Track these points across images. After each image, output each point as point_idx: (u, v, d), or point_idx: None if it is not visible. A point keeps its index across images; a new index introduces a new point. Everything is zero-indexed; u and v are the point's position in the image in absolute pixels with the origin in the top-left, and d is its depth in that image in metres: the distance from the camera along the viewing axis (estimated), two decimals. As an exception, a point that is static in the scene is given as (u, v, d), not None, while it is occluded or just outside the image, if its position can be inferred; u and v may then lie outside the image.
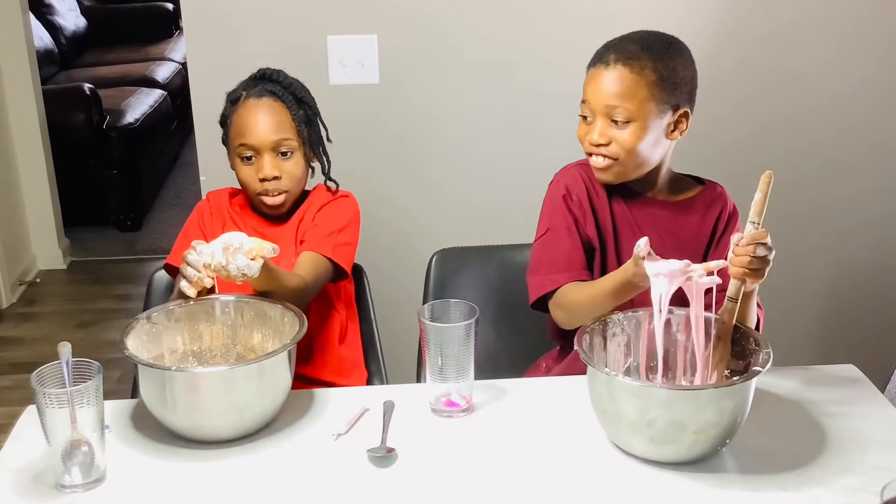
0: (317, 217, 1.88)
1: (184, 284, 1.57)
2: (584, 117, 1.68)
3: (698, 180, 1.79)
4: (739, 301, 1.49)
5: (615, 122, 1.63)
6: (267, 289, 1.63)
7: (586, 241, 1.72)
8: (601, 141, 1.64)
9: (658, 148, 1.67)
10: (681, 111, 1.66)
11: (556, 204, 1.74)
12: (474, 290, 1.97)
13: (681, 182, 1.77)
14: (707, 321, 1.51)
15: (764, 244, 1.45)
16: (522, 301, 1.73)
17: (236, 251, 1.52)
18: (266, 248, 1.55)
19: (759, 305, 1.65)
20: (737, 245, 1.46)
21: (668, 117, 1.65)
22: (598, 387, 1.44)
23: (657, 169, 1.71)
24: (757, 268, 1.46)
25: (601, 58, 1.65)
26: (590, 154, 1.68)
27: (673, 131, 1.67)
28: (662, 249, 1.52)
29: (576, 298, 1.64)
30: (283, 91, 1.86)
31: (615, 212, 1.73)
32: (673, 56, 1.65)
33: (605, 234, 1.73)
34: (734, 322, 1.49)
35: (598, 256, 1.73)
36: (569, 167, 1.79)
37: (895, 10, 2.47)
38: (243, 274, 1.52)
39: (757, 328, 1.63)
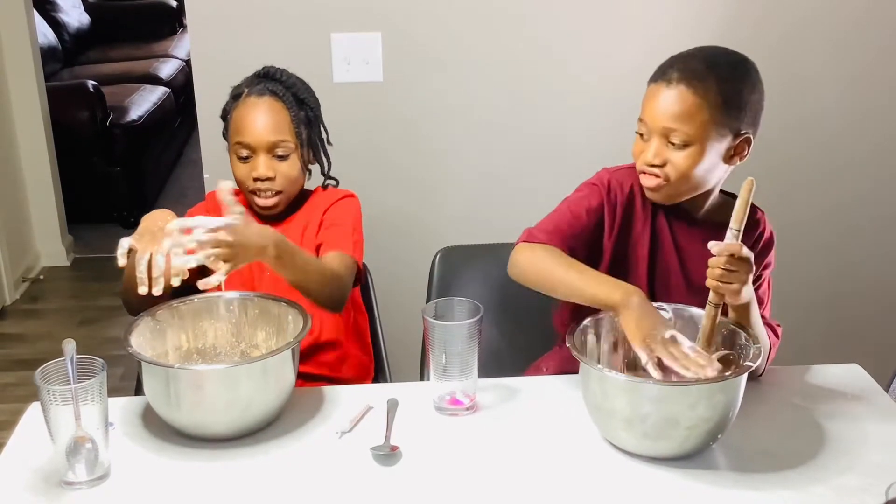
0: (327, 219, 1.87)
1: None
2: (641, 135, 1.59)
3: None
4: (720, 308, 1.46)
5: (672, 143, 1.54)
6: (293, 274, 1.62)
7: (597, 240, 1.65)
8: (656, 161, 1.56)
9: (714, 173, 1.58)
10: (742, 136, 1.56)
11: (588, 191, 1.66)
12: (478, 288, 1.97)
13: (726, 205, 1.60)
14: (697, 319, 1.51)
15: (742, 258, 1.42)
16: (526, 299, 1.73)
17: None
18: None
19: (774, 332, 1.62)
20: (713, 253, 1.43)
21: (728, 142, 1.55)
22: (590, 383, 1.44)
23: (708, 192, 1.63)
24: (728, 282, 1.43)
25: (663, 74, 1.55)
26: (642, 172, 1.60)
27: (732, 157, 1.57)
28: (698, 271, 1.51)
29: (542, 264, 1.58)
30: (284, 91, 1.84)
31: (657, 228, 1.66)
32: (740, 77, 1.55)
33: (636, 248, 1.66)
34: (714, 325, 1.47)
35: (606, 263, 1.66)
36: (622, 169, 1.69)
37: (891, 16, 2.47)
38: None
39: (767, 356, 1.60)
